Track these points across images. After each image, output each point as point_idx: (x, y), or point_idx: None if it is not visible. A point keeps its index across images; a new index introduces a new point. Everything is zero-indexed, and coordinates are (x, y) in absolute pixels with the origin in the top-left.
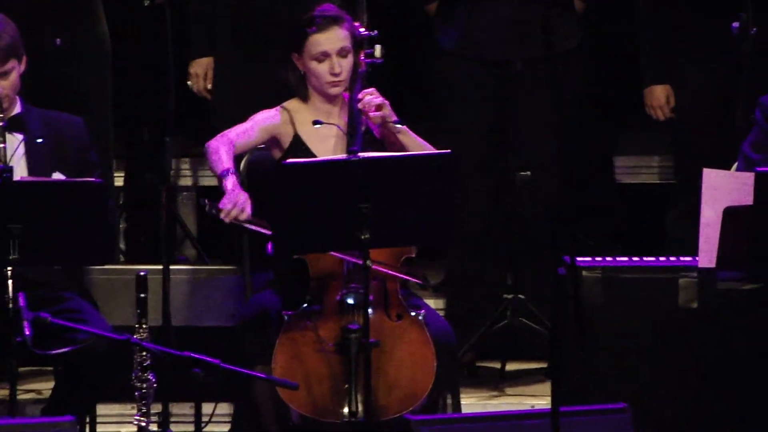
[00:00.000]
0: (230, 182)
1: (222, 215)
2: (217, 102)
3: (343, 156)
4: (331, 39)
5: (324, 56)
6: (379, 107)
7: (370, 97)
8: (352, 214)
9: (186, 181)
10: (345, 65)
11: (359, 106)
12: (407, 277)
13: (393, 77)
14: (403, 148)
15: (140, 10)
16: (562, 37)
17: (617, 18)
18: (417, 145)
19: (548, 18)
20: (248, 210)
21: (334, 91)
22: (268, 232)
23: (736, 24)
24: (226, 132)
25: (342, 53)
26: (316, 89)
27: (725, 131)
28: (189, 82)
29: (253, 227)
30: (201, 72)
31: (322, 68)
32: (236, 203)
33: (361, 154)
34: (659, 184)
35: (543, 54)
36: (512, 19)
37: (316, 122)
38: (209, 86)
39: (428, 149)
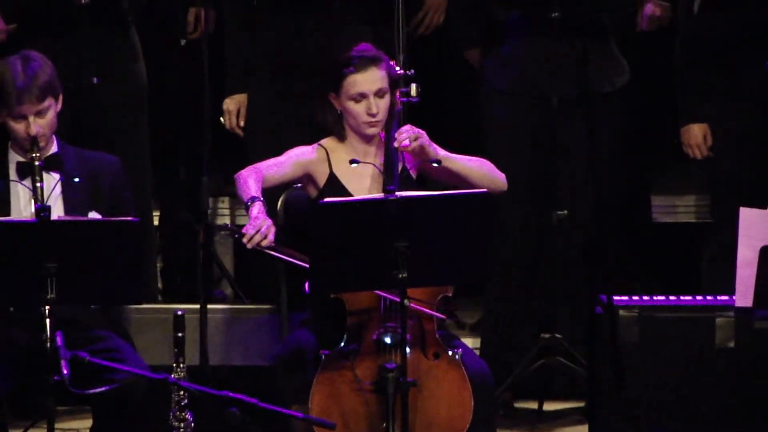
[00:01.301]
0: (256, 209)
1: (245, 240)
2: (249, 139)
3: (379, 195)
4: (369, 80)
5: (361, 97)
6: (413, 140)
7: (405, 133)
8: (388, 253)
9: (223, 220)
10: (382, 106)
11: (394, 144)
12: (436, 314)
13: (431, 115)
14: (454, 178)
15: (177, 49)
16: (609, 77)
17: (654, 56)
18: (464, 168)
19: (586, 57)
20: (271, 237)
21: (371, 131)
22: (293, 260)
23: None
24: (258, 164)
25: (379, 94)
26: (353, 129)
27: (763, 170)
28: (222, 119)
29: (276, 254)
30: (234, 108)
31: (359, 108)
32: (259, 229)
33: (398, 193)
34: (696, 223)
35: (581, 92)
36: (554, 59)
37: (353, 161)
38: (242, 123)
39: (479, 165)
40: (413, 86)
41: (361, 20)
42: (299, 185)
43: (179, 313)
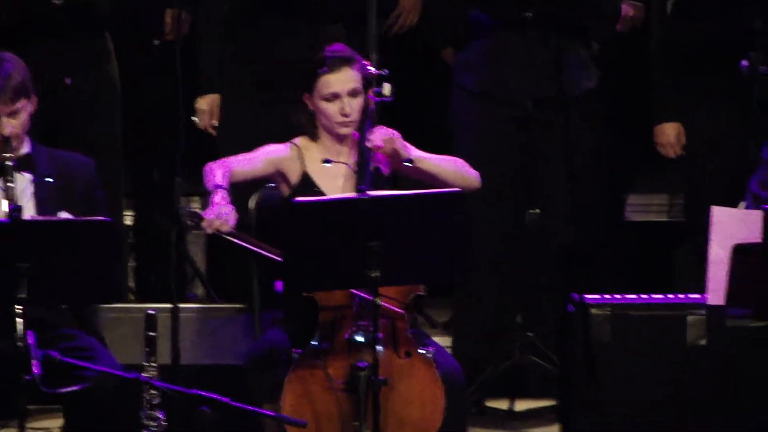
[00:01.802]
0: (218, 196)
1: (204, 224)
2: (221, 138)
3: (351, 194)
4: (342, 80)
5: (334, 97)
6: (387, 141)
7: (378, 134)
8: (361, 253)
9: None
10: (355, 106)
11: (367, 144)
12: (395, 309)
13: (404, 115)
14: (427, 177)
15: (150, 50)
16: (579, 80)
17: (628, 57)
18: (436, 167)
19: (560, 60)
20: (231, 222)
21: (344, 131)
22: (257, 249)
23: (745, 62)
24: (229, 158)
25: (352, 94)
26: (326, 128)
27: (735, 169)
28: (194, 118)
29: (236, 240)
30: (207, 108)
31: (332, 108)
32: (219, 214)
33: (370, 193)
34: (668, 222)
35: (555, 94)
36: (525, 60)
37: (326, 161)
38: (215, 123)
39: (452, 164)
40: (386, 86)
41: (335, 20)
42: (273, 184)
43: (151, 312)
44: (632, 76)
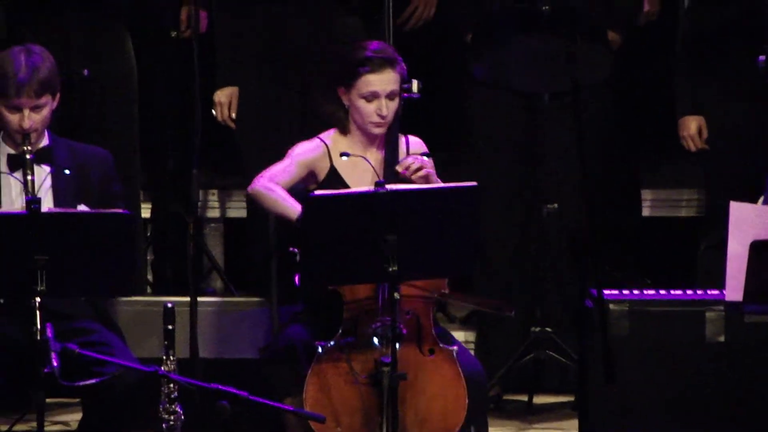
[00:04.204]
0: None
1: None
2: (240, 130)
3: (369, 188)
4: (384, 80)
5: (373, 96)
6: (417, 169)
7: (410, 163)
8: (378, 246)
9: (213, 213)
10: (392, 107)
11: (398, 168)
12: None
13: (420, 106)
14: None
15: (167, 42)
16: (591, 70)
17: (649, 49)
18: None
19: (574, 52)
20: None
21: (377, 131)
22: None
23: (762, 57)
24: (264, 173)
25: (391, 96)
26: (358, 125)
27: (757, 165)
28: (213, 111)
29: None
30: (226, 101)
31: (369, 108)
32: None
33: (388, 186)
34: (687, 217)
35: (570, 88)
36: (540, 52)
37: (343, 154)
38: (233, 115)
39: None
40: (414, 82)
41: (350, 11)
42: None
43: (169, 305)
44: (653, 67)
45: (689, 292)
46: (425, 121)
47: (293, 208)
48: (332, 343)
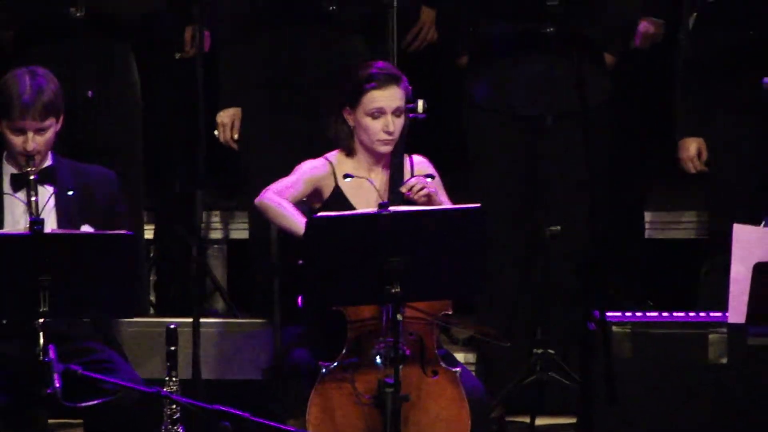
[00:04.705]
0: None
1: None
2: (243, 152)
3: (372, 210)
4: (389, 97)
5: (380, 113)
6: (421, 191)
7: (413, 184)
8: (382, 268)
9: (216, 234)
10: (398, 125)
11: (402, 190)
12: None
13: (425, 128)
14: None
15: (172, 63)
16: (591, 92)
17: (648, 71)
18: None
19: (581, 74)
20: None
21: (384, 149)
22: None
23: (766, 79)
24: (271, 186)
25: (397, 113)
26: (364, 145)
27: (759, 186)
28: (216, 132)
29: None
30: (228, 122)
31: (376, 125)
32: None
33: (391, 208)
34: (689, 239)
35: (574, 109)
36: (543, 75)
37: (346, 176)
38: (236, 136)
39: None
40: (420, 102)
41: (355, 32)
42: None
43: (172, 326)
44: (653, 90)
45: (692, 314)
46: (430, 143)
47: (300, 222)
48: (335, 363)
